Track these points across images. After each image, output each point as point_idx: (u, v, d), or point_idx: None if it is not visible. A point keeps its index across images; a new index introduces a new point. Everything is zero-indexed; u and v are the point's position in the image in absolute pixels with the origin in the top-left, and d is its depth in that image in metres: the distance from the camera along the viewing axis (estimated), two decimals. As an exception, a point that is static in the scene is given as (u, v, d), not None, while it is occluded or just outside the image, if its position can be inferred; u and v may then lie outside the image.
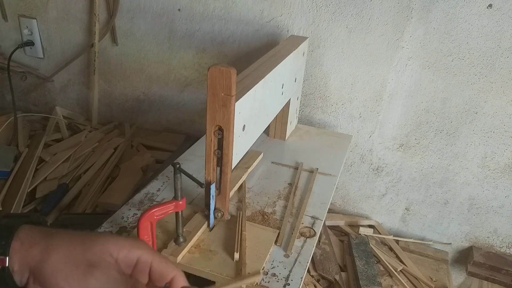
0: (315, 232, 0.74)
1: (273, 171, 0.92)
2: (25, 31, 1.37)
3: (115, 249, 0.42)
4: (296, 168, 0.93)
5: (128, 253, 0.42)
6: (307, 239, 0.72)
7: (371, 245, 1.06)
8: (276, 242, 0.70)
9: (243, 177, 0.84)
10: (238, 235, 0.69)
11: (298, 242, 0.71)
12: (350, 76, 1.08)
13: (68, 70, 1.41)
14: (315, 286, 0.93)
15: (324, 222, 1.11)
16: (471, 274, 1.10)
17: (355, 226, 1.17)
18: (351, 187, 1.22)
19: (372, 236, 1.12)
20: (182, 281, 0.44)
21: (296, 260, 0.67)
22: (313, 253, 0.84)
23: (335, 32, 1.05)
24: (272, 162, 0.95)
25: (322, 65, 1.10)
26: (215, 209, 0.70)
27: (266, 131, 1.05)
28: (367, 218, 1.23)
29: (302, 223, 0.75)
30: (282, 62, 0.82)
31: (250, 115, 0.71)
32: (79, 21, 1.31)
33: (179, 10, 1.18)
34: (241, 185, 0.84)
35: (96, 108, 1.41)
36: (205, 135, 0.64)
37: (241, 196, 0.81)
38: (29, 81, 1.47)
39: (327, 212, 0.82)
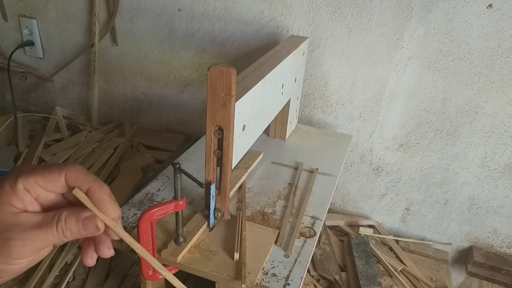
0: (315, 232, 0.74)
1: (273, 171, 0.92)
2: (25, 31, 1.37)
3: (8, 207, 0.36)
4: (296, 168, 0.93)
5: (20, 196, 0.37)
6: (307, 239, 0.72)
7: (371, 245, 1.06)
8: (276, 242, 0.70)
9: (243, 177, 0.84)
10: (238, 235, 0.69)
11: (298, 242, 0.71)
12: (350, 76, 1.08)
13: (68, 70, 1.41)
14: (315, 286, 0.93)
15: (324, 222, 1.11)
16: (471, 274, 1.10)
17: (355, 226, 1.17)
18: (351, 187, 1.22)
19: (372, 236, 1.12)
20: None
21: (296, 260, 0.67)
22: (313, 253, 0.84)
23: (335, 32, 1.05)
24: (272, 162, 0.95)
25: (322, 65, 1.10)
26: (215, 209, 0.70)
27: (266, 131, 1.05)
28: (367, 218, 1.22)
29: (302, 223, 0.75)
30: (282, 62, 0.82)
31: (250, 115, 0.71)
32: (79, 21, 1.31)
33: (179, 10, 1.18)
34: (241, 185, 0.84)
35: (96, 108, 1.41)
36: (205, 135, 0.64)
37: (241, 196, 0.81)
38: (29, 81, 1.47)
39: (327, 212, 0.82)
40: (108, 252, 0.41)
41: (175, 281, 0.42)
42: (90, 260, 0.42)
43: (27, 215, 0.37)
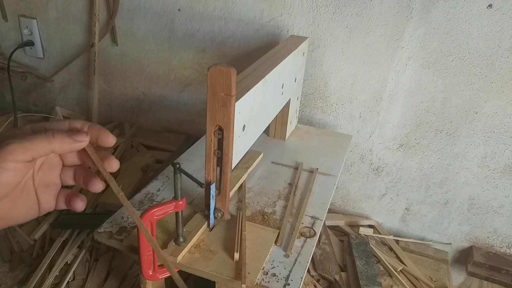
0: (315, 232, 0.74)
1: (273, 171, 0.92)
2: (25, 31, 1.37)
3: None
4: (296, 168, 0.93)
5: (25, 131, 0.44)
6: (307, 239, 0.72)
7: (371, 245, 1.06)
8: (276, 242, 0.70)
9: (243, 177, 0.84)
10: (238, 235, 0.69)
11: (298, 242, 0.71)
12: (350, 76, 1.08)
13: (68, 70, 1.41)
14: (315, 286, 0.93)
15: (324, 222, 1.11)
16: (471, 274, 1.10)
17: (355, 226, 1.17)
18: (351, 187, 1.22)
19: (372, 236, 1.12)
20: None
21: (296, 260, 0.67)
22: (313, 253, 0.84)
23: (335, 32, 1.05)
24: (272, 162, 0.95)
25: (322, 65, 1.10)
26: (215, 209, 0.70)
27: (266, 131, 1.05)
28: (367, 218, 1.23)
29: (302, 223, 0.75)
30: (282, 62, 0.82)
31: (250, 115, 0.71)
32: (79, 21, 1.31)
33: (179, 10, 1.18)
34: (241, 185, 0.84)
35: (96, 108, 1.41)
36: (205, 135, 0.64)
37: (241, 196, 0.81)
38: (29, 81, 1.47)
39: (327, 212, 0.82)
40: (100, 184, 0.49)
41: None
42: (81, 202, 0.49)
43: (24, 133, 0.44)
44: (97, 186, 0.48)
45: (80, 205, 0.49)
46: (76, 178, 0.50)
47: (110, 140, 0.47)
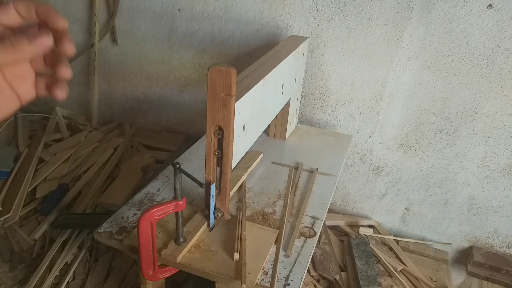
0: (315, 232, 0.74)
1: (273, 171, 0.92)
2: (25, 31, 1.37)
3: None
4: (296, 168, 0.93)
5: None
6: (307, 239, 0.72)
7: (371, 245, 1.06)
8: (276, 242, 0.70)
9: (243, 177, 0.84)
10: (238, 235, 0.69)
11: (298, 242, 0.71)
12: (350, 76, 1.08)
13: (68, 70, 1.41)
14: (315, 286, 0.93)
15: (324, 222, 1.11)
16: (471, 274, 1.10)
17: (355, 226, 1.17)
18: (351, 187, 1.22)
19: (372, 236, 1.12)
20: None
21: (296, 260, 0.67)
22: (313, 253, 0.84)
23: (335, 32, 1.05)
24: (272, 162, 0.95)
25: (322, 65, 1.10)
26: (215, 209, 0.70)
27: (266, 131, 1.05)
28: (367, 218, 1.22)
29: (302, 223, 0.75)
30: (282, 62, 0.82)
31: (250, 115, 0.71)
32: (79, 21, 1.31)
33: (179, 10, 1.18)
34: (241, 185, 0.84)
35: (96, 108, 1.41)
36: (205, 135, 0.64)
37: (241, 196, 0.81)
38: (29, 81, 1.47)
39: (327, 212, 0.82)
40: (68, 71, 0.43)
41: None
42: (60, 91, 0.44)
43: None
44: (66, 72, 0.44)
45: (59, 94, 0.44)
46: (47, 63, 0.46)
47: (61, 22, 0.42)
